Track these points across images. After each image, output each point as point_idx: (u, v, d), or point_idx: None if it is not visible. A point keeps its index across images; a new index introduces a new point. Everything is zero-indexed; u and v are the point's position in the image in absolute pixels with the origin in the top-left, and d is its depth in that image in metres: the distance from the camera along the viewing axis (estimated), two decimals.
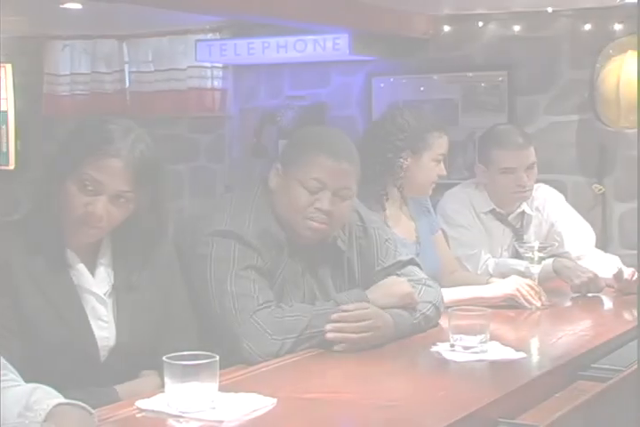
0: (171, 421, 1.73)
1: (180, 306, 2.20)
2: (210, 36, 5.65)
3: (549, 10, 4.97)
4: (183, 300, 2.21)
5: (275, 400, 1.81)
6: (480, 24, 5.19)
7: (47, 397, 1.58)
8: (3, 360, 1.67)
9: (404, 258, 2.52)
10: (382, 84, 5.46)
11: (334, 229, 2.34)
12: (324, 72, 5.58)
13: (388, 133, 2.91)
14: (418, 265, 2.54)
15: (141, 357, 2.10)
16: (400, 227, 2.89)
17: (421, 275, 2.51)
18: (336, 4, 4.67)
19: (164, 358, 1.75)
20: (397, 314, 2.32)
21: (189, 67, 5.76)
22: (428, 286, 2.47)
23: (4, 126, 6.39)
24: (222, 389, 1.79)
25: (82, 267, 2.04)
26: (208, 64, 5.72)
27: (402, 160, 2.88)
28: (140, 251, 2.11)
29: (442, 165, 2.94)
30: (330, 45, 5.15)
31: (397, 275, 2.47)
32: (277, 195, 2.32)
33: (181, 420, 1.72)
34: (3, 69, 6.34)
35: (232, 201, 2.35)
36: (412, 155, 2.89)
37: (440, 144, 2.92)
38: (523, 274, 2.94)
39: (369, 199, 2.74)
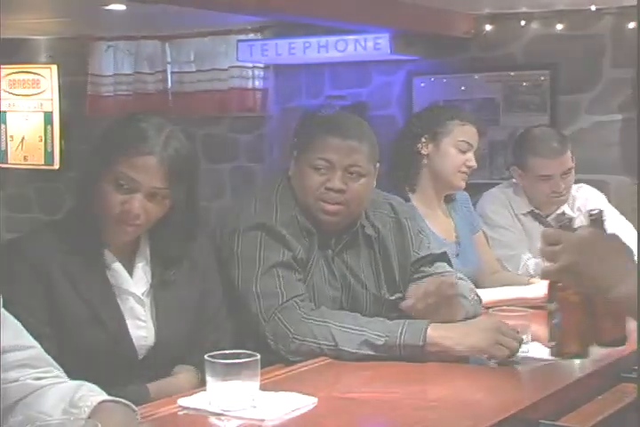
0: (212, 419, 1.74)
1: (216, 304, 2.22)
2: (251, 36, 5.67)
3: (592, 8, 4.92)
4: (219, 298, 2.23)
5: (315, 400, 1.81)
6: (522, 23, 5.15)
7: (91, 394, 1.59)
8: (47, 357, 1.69)
9: (437, 251, 2.51)
10: (423, 84, 5.45)
11: (353, 210, 2.32)
12: (364, 72, 5.58)
13: (409, 122, 2.95)
14: (448, 261, 2.53)
15: (180, 355, 2.11)
16: (438, 226, 2.89)
17: (451, 270, 2.51)
18: (377, 3, 4.66)
19: (205, 356, 1.76)
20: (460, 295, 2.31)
21: (231, 67, 5.79)
22: (461, 278, 2.47)
23: (49, 126, 6.47)
24: (263, 388, 1.80)
25: (119, 267, 2.05)
26: (249, 64, 5.74)
27: (419, 146, 2.89)
28: (176, 249, 2.12)
29: (470, 155, 2.93)
30: (371, 45, 5.15)
31: (422, 272, 2.46)
32: (294, 182, 2.33)
33: (223, 418, 1.73)
34: (48, 70, 6.42)
35: (257, 195, 2.37)
36: (430, 141, 2.90)
37: (462, 131, 2.91)
38: None
39: (393, 191, 2.74)
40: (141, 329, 2.05)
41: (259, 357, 1.76)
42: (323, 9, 4.41)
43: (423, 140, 2.90)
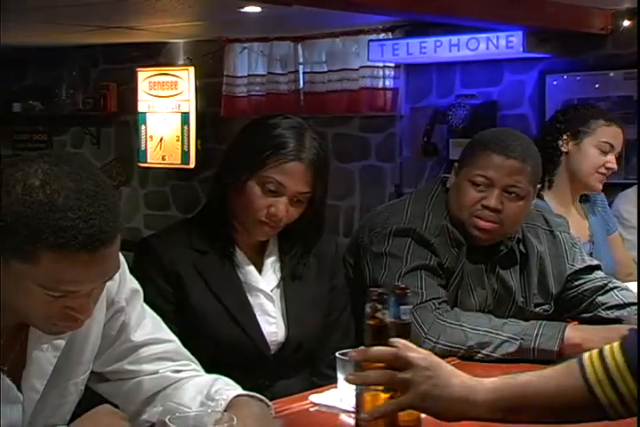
0: (343, 416, 1.76)
1: (343, 301, 2.25)
2: (382, 35, 5.67)
3: None
4: (346, 295, 2.26)
5: None
6: None
7: (227, 388, 1.64)
8: (185, 351, 1.74)
9: (593, 263, 2.49)
10: (555, 82, 5.34)
11: (507, 229, 2.30)
12: (496, 70, 5.51)
13: (552, 119, 2.91)
14: (602, 271, 2.51)
15: (309, 351, 2.15)
16: (572, 225, 2.85)
17: (615, 281, 2.49)
18: (510, 1, 4.60)
19: (337, 353, 1.79)
20: None
21: (361, 67, 5.80)
22: (625, 288, 2.45)
23: (185, 127, 6.63)
24: None
25: (249, 264, 2.10)
26: (380, 64, 5.75)
27: (560, 143, 2.85)
28: (306, 247, 2.16)
29: (610, 157, 2.87)
30: (503, 43, 5.07)
31: (584, 279, 2.44)
32: (451, 194, 2.33)
33: (353, 415, 1.75)
34: (186, 72, 6.58)
35: (411, 200, 2.38)
36: (572, 139, 2.86)
37: (606, 132, 2.86)
38: None
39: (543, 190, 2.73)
40: (272, 325, 2.10)
41: None
42: (455, 8, 4.39)
43: (565, 137, 2.86)
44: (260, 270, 2.12)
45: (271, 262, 2.13)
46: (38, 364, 1.52)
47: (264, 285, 2.11)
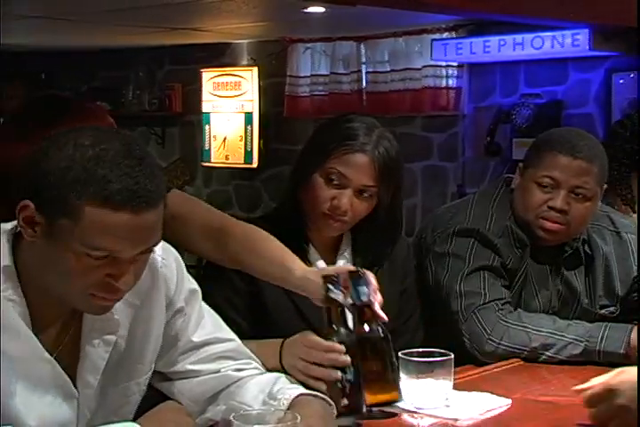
0: (405, 416, 1.76)
1: (413, 305, 2.23)
2: (446, 35, 5.64)
3: None
4: (415, 299, 2.24)
5: (509, 401, 1.81)
6: None
7: (289, 386, 1.65)
8: (246, 350, 1.75)
9: None
10: (622, 81, 5.25)
11: (573, 230, 2.28)
12: (561, 69, 5.44)
13: (616, 137, 2.84)
14: None
15: None
16: None
17: None
18: None
19: (399, 353, 1.79)
20: None
21: (424, 66, 5.78)
22: None
23: (249, 127, 6.68)
24: (455, 387, 1.81)
25: (322, 263, 2.09)
26: (443, 63, 5.72)
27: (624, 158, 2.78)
28: (378, 247, 2.15)
29: None
30: (568, 41, 5.00)
31: None
32: (516, 195, 2.31)
33: (416, 416, 1.75)
34: (250, 73, 6.63)
35: (474, 200, 2.36)
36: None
37: None
38: None
39: (615, 201, 2.68)
40: None
41: (452, 356, 1.78)
42: (521, 6, 4.33)
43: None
44: None
45: (344, 263, 2.13)
46: (91, 359, 1.54)
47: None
